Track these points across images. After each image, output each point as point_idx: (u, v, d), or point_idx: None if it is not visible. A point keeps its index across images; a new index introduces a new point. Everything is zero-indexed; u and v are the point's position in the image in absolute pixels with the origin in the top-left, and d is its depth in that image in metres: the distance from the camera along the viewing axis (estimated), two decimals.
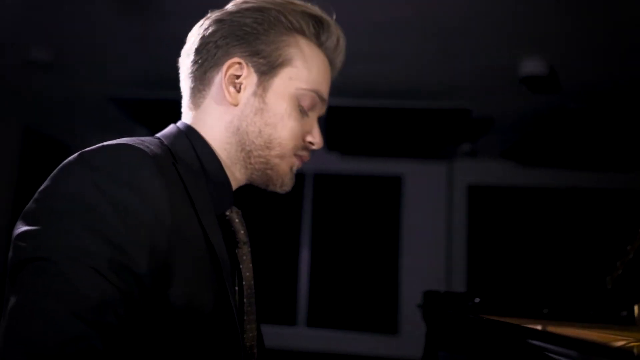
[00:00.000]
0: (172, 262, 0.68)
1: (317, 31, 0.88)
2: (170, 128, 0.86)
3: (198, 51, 0.86)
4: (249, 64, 0.84)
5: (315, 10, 0.88)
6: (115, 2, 2.73)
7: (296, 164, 0.89)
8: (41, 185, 0.69)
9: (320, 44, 0.89)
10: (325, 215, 5.45)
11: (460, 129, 4.35)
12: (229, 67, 0.84)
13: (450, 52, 3.20)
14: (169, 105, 0.93)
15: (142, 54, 3.33)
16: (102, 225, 0.64)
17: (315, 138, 0.89)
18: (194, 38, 0.88)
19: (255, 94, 0.84)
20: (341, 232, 5.42)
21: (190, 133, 0.85)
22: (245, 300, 0.82)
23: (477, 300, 0.96)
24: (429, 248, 5.32)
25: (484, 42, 3.04)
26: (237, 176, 0.87)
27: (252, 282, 0.85)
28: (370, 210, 5.44)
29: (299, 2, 0.88)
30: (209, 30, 0.86)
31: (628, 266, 1.00)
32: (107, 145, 0.71)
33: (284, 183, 0.88)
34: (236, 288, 0.82)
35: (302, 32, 0.87)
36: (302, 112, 0.87)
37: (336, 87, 0.94)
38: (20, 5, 2.81)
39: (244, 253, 0.85)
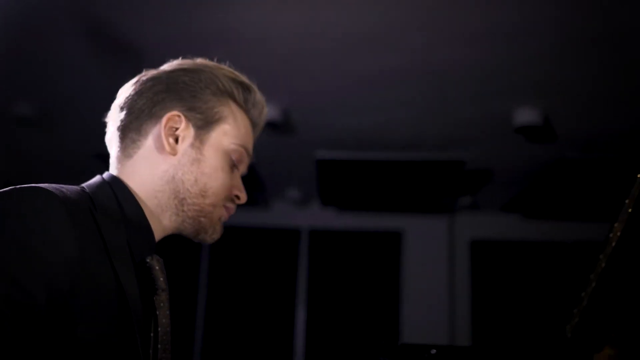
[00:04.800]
0: (75, 304, 0.73)
1: (245, 98, 1.02)
2: (95, 178, 0.95)
3: (134, 104, 0.97)
4: (187, 118, 0.96)
5: (243, 78, 1.02)
6: (102, 59, 2.82)
7: (224, 215, 1.00)
8: None
9: (246, 110, 1.03)
10: (322, 274, 5.44)
11: (456, 181, 4.39)
12: (168, 120, 0.95)
13: (444, 102, 3.25)
14: None
15: None
16: (1, 262, 0.69)
17: (242, 192, 1.01)
18: (128, 93, 0.98)
19: (192, 145, 0.96)
20: (339, 291, 5.39)
21: (114, 182, 0.93)
22: (159, 346, 0.88)
23: (433, 352, 0.98)
24: (431, 306, 5.27)
25: (478, 91, 3.10)
26: (165, 224, 0.96)
27: (169, 329, 0.91)
28: (369, 267, 5.43)
29: (227, 68, 1.02)
30: (146, 85, 0.97)
31: (584, 314, 1.02)
32: (18, 187, 0.77)
33: (215, 231, 0.99)
34: (152, 334, 0.88)
35: (232, 97, 1.00)
36: (232, 166, 0.99)
37: (331, 140, 1.03)
38: (4, 59, 2.88)
39: (162, 300, 0.91)
